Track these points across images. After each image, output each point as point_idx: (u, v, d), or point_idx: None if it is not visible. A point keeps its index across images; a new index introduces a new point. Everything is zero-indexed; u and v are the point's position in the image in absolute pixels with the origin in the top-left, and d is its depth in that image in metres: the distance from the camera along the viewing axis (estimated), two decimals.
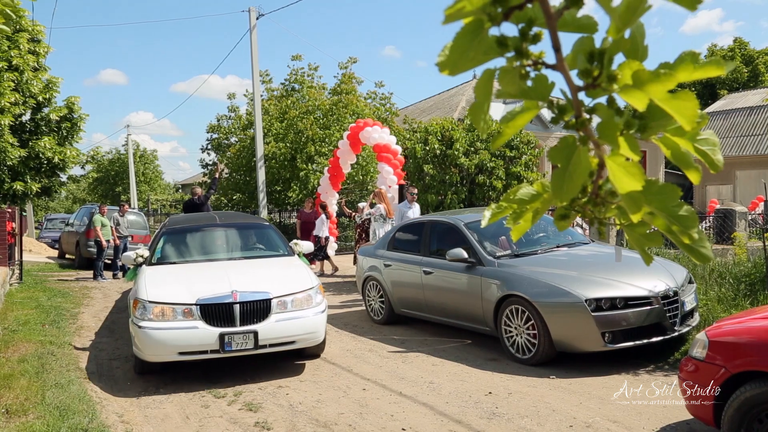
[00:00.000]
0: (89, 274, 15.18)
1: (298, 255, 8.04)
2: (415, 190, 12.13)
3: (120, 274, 14.94)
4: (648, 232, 0.85)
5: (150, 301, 6.14)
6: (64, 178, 14.30)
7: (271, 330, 6.16)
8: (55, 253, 22.34)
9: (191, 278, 6.72)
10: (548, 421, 4.88)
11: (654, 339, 6.11)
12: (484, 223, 0.88)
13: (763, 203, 16.92)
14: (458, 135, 13.95)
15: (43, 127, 12.51)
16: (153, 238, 8.87)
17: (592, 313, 5.98)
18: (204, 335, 5.97)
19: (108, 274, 15.13)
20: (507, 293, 6.65)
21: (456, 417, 5.06)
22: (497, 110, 20.61)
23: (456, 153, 13.68)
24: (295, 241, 8.65)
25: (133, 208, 26.45)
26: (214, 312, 6.07)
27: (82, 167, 18.64)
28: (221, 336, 5.98)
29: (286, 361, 6.84)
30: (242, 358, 6.46)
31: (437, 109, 27.85)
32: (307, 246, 8.54)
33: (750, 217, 14.49)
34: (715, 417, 3.93)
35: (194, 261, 7.54)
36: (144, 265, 7.35)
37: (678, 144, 0.74)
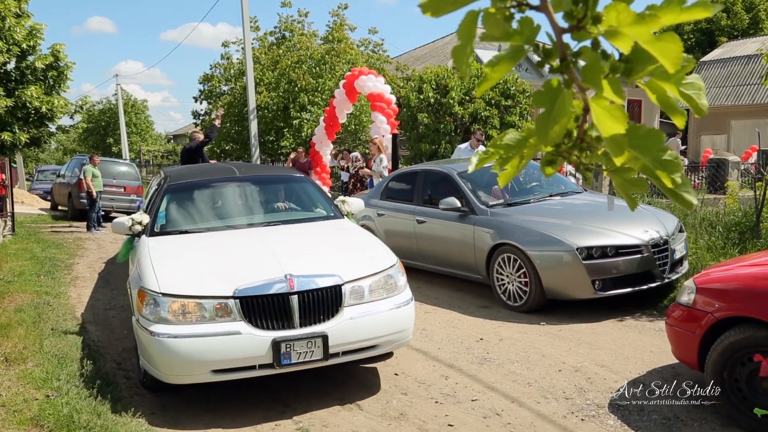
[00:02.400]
0: (83, 225, 15.17)
1: (348, 216, 6.17)
2: (482, 137, 11.03)
3: (96, 226, 14.73)
4: (633, 177, 0.85)
5: (164, 294, 4.25)
6: (53, 128, 14.18)
7: (345, 331, 4.33)
8: (47, 204, 22.28)
9: (218, 256, 4.92)
10: (538, 366, 5.00)
11: (643, 287, 6.21)
12: (470, 169, 0.89)
13: (756, 153, 16.93)
14: (453, 83, 13.82)
15: (29, 76, 12.32)
16: (151, 198, 6.63)
17: (583, 261, 6.05)
18: (250, 344, 4.13)
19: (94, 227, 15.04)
20: (499, 242, 6.71)
21: (448, 362, 5.17)
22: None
23: (451, 102, 13.58)
24: (342, 197, 6.59)
25: (125, 159, 26.29)
26: (262, 308, 4.23)
27: (71, 117, 18.37)
28: (275, 344, 4.12)
29: None
30: None
31: (432, 58, 27.46)
32: (358, 204, 6.52)
33: (743, 167, 14.53)
34: (699, 361, 4.02)
35: (215, 229, 5.66)
36: (144, 236, 5.45)
37: (664, 88, 0.74)
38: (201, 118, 28.38)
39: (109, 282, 8.69)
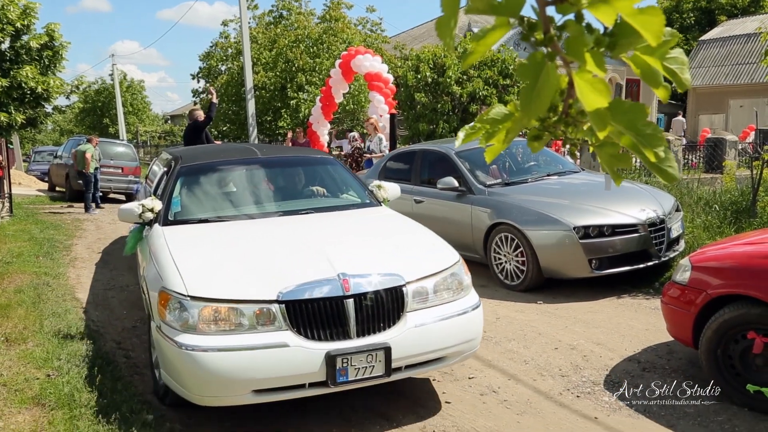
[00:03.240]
0: (81, 206, 15.16)
1: (384, 203, 5.60)
2: None
3: (85, 205, 14.69)
4: (618, 152, 0.86)
5: (193, 297, 3.58)
6: (49, 108, 14.11)
7: (409, 342, 3.67)
8: (44, 185, 22.24)
9: (252, 251, 4.20)
10: (534, 344, 5.04)
11: (640, 265, 6.24)
12: (457, 144, 0.90)
13: (753, 132, 16.91)
14: (450, 63, 13.74)
15: (24, 56, 12.24)
16: (159, 182, 5.91)
17: (580, 241, 6.08)
18: (300, 358, 3.48)
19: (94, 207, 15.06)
20: (497, 221, 6.73)
21: None
22: None
23: (448, 81, 13.52)
24: (377, 182, 5.89)
25: (122, 140, 26.21)
26: (312, 314, 3.57)
27: (67, 97, 18.30)
28: (330, 358, 3.47)
29: None
30: None
31: (430, 37, 27.29)
32: (394, 190, 5.89)
33: (740, 147, 14.53)
34: (694, 339, 4.06)
35: (239, 217, 4.99)
36: (156, 226, 4.82)
37: (647, 62, 0.75)
38: (200, 96, 28.26)
39: (108, 263, 8.72)
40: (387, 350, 3.56)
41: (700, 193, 8.72)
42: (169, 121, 54.00)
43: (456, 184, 7.30)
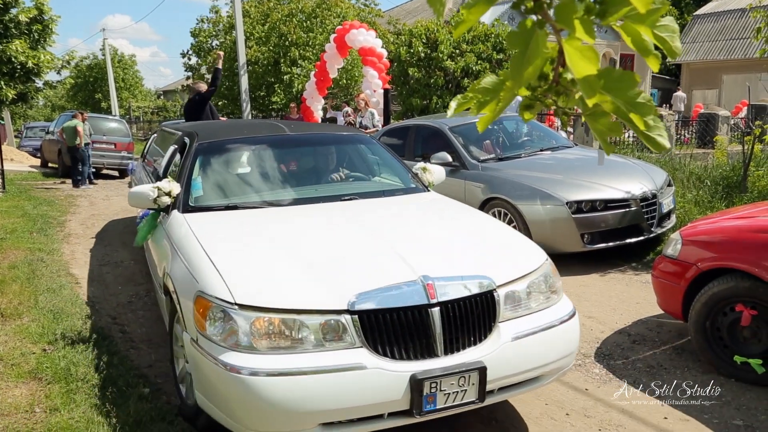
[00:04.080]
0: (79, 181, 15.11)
1: (429, 187, 5.01)
2: None
3: (81, 181, 14.71)
4: (609, 122, 0.88)
5: (242, 305, 2.91)
6: (39, 83, 13.97)
7: (506, 359, 3.06)
8: (37, 161, 22.10)
9: (304, 246, 3.53)
10: None
11: (631, 240, 6.29)
12: (449, 114, 0.91)
13: (746, 108, 16.92)
14: (443, 37, 13.65)
15: (13, 30, 12.07)
16: (171, 162, 5.27)
17: (573, 215, 6.11)
18: (380, 383, 2.85)
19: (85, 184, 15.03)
20: (490, 196, 6.75)
21: None
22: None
23: (441, 56, 13.44)
24: (422, 164, 5.26)
25: (114, 115, 26.02)
26: (392, 327, 2.91)
27: (58, 72, 18.13)
28: (416, 382, 2.84)
29: None
30: None
31: (424, 11, 27.06)
32: (440, 173, 5.26)
33: (732, 122, 14.55)
34: (683, 312, 4.12)
35: (275, 203, 4.35)
36: (176, 213, 4.20)
37: (638, 31, 0.76)
38: (193, 71, 27.98)
39: (102, 238, 8.71)
40: (482, 371, 2.93)
41: (692, 168, 8.76)
42: (162, 97, 53.56)
43: (449, 159, 7.30)
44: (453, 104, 0.90)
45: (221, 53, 11.24)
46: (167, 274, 3.68)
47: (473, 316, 3.05)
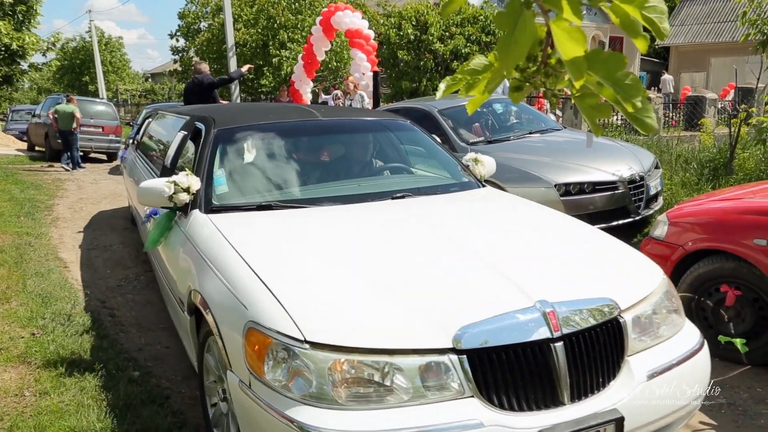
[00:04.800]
0: (61, 166, 15.00)
1: (480, 181, 4.35)
2: None
3: (70, 166, 14.68)
4: (598, 103, 0.88)
5: (314, 343, 2.26)
6: (25, 66, 13.83)
7: (642, 404, 2.45)
8: (23, 145, 21.86)
9: (375, 258, 2.87)
10: None
11: (619, 222, 6.33)
12: (438, 95, 0.91)
13: (733, 90, 17.01)
14: (433, 20, 13.59)
15: None
16: (181, 151, 4.61)
17: (561, 198, 6.14)
18: None
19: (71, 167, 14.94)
20: None
21: None
22: None
23: (430, 38, 13.39)
24: (472, 154, 4.61)
25: (102, 98, 25.76)
26: (510, 369, 2.30)
27: (44, 55, 17.88)
28: None
29: None
30: None
31: None
32: (491, 164, 4.63)
33: (720, 105, 14.62)
34: None
35: (316, 201, 3.66)
36: (197, 213, 3.56)
37: (626, 11, 0.77)
38: (180, 54, 27.69)
39: (90, 223, 8.67)
40: (618, 423, 2.32)
41: (680, 150, 8.81)
42: (150, 80, 53.03)
43: (439, 142, 7.29)
44: (442, 86, 0.90)
45: (251, 67, 11.15)
46: (195, 290, 2.97)
47: (600, 350, 2.43)
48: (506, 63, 0.73)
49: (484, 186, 4.27)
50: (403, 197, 3.78)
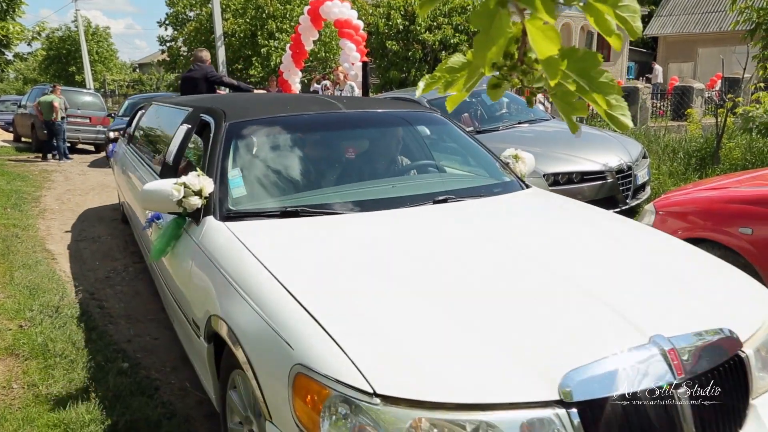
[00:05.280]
0: (49, 156, 14.91)
1: (522, 180, 3.84)
2: None
3: (58, 156, 14.70)
4: (574, 101, 0.90)
5: (389, 398, 1.73)
6: (9, 56, 13.68)
7: None
8: (9, 136, 21.67)
9: (442, 283, 2.32)
10: None
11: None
12: (418, 93, 0.92)
13: (720, 80, 17.11)
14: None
15: None
16: (184, 147, 4.07)
17: (550, 187, 6.17)
18: None
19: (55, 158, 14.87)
20: None
21: None
22: None
23: (419, 28, 13.35)
24: (512, 150, 4.19)
25: (89, 89, 25.55)
26: (626, 424, 1.79)
27: (29, 44, 17.72)
28: None
29: None
30: None
31: None
32: (531, 161, 4.19)
33: (707, 95, 14.71)
34: None
35: (353, 206, 3.15)
36: (212, 220, 3.07)
37: (600, 11, 0.78)
38: (168, 44, 27.47)
39: (78, 214, 8.63)
40: None
41: (667, 140, 8.87)
42: (138, 70, 52.59)
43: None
44: (421, 84, 0.91)
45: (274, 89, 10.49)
46: (218, 317, 2.46)
47: (723, 393, 1.96)
48: (482, 61, 0.74)
49: (528, 186, 3.75)
50: (445, 200, 3.27)
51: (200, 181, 3.13)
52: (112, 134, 13.27)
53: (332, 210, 3.10)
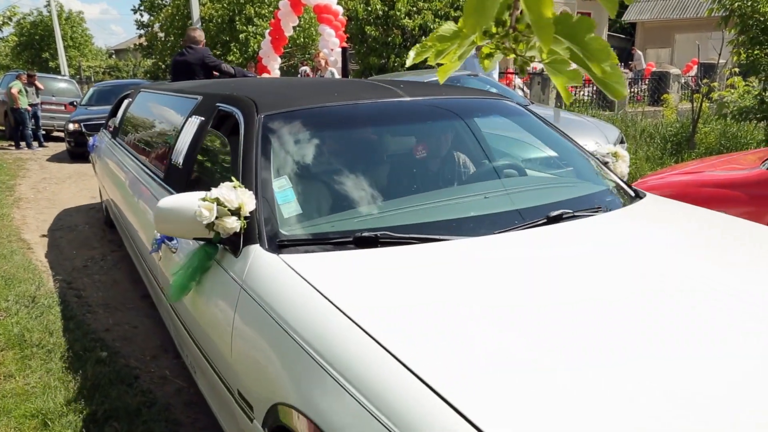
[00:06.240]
0: (21, 144, 14.66)
1: (631, 187, 3.11)
2: None
3: (36, 144, 14.45)
4: (568, 69, 0.88)
5: None
6: None
7: None
8: None
9: (625, 353, 1.52)
10: None
11: None
12: (408, 63, 0.90)
13: (696, 66, 17.30)
14: None
15: None
16: (196, 147, 3.21)
17: None
18: None
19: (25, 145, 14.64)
20: None
21: None
22: None
23: (398, 14, 13.27)
24: (610, 146, 3.50)
25: (64, 75, 25.11)
26: None
27: None
28: None
29: None
30: None
31: None
32: (626, 158, 3.44)
33: (683, 80, 14.85)
34: None
35: (446, 228, 2.32)
36: (259, 249, 2.21)
37: None
38: (145, 29, 27.04)
39: (54, 202, 8.49)
40: None
41: (644, 125, 8.95)
42: (114, 56, 51.76)
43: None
44: (411, 53, 0.89)
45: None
46: (290, 406, 1.71)
47: None
48: (473, 26, 0.72)
49: (643, 195, 2.97)
50: (562, 217, 2.42)
51: (238, 196, 2.25)
52: (72, 126, 12.55)
53: (422, 234, 2.24)
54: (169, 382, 3.52)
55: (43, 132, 15.12)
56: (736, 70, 8.30)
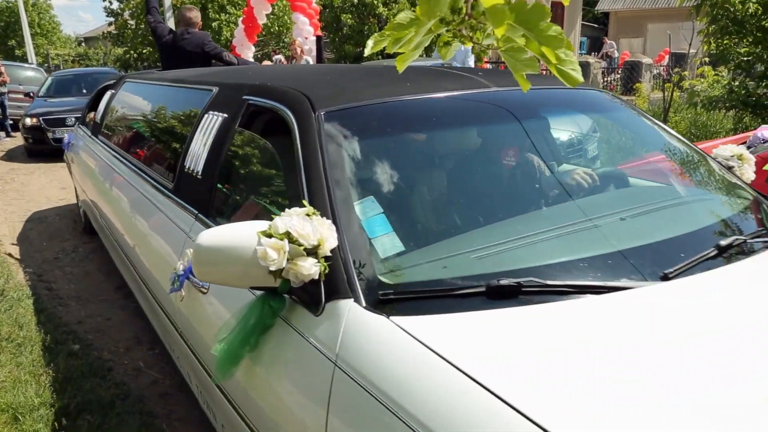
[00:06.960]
0: None
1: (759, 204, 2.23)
2: None
3: (2, 134, 14.06)
4: (524, 57, 0.89)
5: None
6: None
7: None
8: None
9: None
10: None
11: None
12: (367, 52, 0.90)
13: (668, 56, 17.51)
14: None
15: None
16: (217, 154, 2.45)
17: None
18: None
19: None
20: None
21: None
22: None
23: (375, 2, 13.23)
24: (732, 146, 2.65)
25: (31, 63, 24.62)
26: None
27: None
28: None
29: None
30: None
31: None
32: (751, 162, 2.58)
33: (655, 70, 15.04)
34: None
35: (598, 273, 1.57)
36: (351, 304, 1.49)
37: None
38: (115, 17, 26.55)
39: (23, 194, 8.34)
40: None
41: None
42: (83, 44, 50.80)
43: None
44: (370, 43, 0.89)
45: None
46: None
47: None
48: (429, 14, 0.73)
49: None
50: (731, 250, 1.76)
51: (315, 228, 1.56)
52: (29, 120, 11.39)
53: (586, 281, 1.55)
54: (143, 373, 3.49)
55: (11, 122, 14.80)
56: (707, 59, 8.43)
